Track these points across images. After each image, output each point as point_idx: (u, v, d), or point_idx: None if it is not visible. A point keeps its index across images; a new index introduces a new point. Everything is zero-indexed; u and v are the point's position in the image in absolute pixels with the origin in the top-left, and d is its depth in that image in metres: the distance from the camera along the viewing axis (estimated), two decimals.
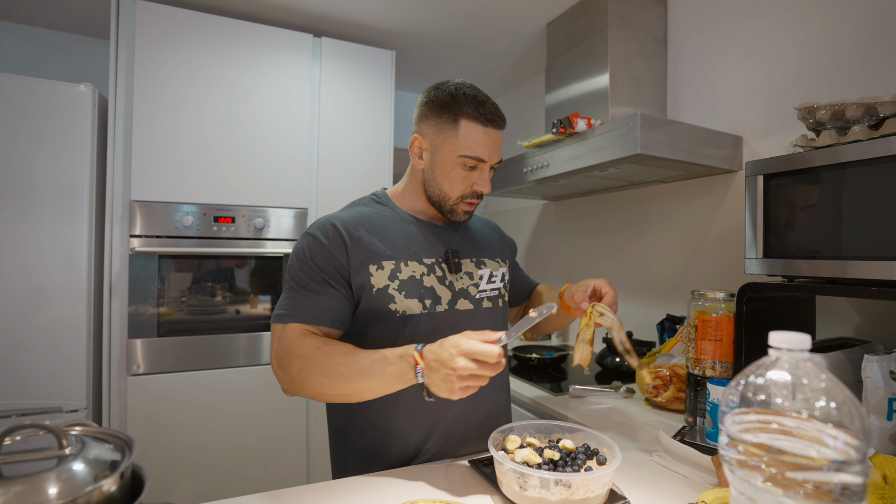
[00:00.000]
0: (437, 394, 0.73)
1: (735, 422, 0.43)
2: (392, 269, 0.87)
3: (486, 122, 0.86)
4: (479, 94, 0.87)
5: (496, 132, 0.88)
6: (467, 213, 0.93)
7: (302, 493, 0.76)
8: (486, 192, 0.91)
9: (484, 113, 0.85)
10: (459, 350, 0.70)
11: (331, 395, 0.80)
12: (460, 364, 0.69)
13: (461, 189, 0.89)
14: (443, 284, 0.91)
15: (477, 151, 0.86)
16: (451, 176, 0.88)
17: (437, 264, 0.91)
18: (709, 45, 1.53)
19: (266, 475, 1.76)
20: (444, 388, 0.71)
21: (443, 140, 0.87)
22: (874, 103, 0.85)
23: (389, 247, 0.88)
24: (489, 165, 0.89)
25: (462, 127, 0.85)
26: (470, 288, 0.94)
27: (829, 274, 0.89)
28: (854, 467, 0.38)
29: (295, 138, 1.86)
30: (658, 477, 0.84)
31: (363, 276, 0.85)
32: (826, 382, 0.40)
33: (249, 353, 1.78)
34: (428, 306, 0.88)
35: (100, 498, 0.42)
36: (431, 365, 0.73)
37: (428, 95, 0.89)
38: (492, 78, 2.51)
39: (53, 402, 1.54)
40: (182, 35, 1.69)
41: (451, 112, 0.85)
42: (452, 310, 0.90)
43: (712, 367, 1.05)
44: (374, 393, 0.77)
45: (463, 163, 0.87)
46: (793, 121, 1.27)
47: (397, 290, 0.86)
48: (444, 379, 0.71)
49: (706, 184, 1.54)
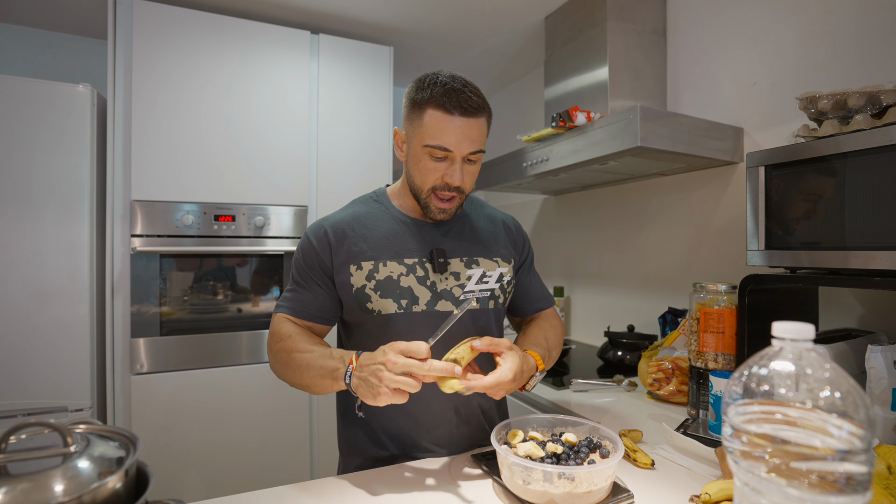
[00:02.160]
0: (363, 397, 0.72)
1: (739, 412, 0.43)
2: (370, 270, 0.88)
3: (452, 110, 0.81)
4: (454, 83, 0.82)
5: (466, 120, 0.82)
6: (442, 211, 0.89)
7: (282, 492, 0.76)
8: (457, 184, 0.85)
9: (450, 101, 0.81)
10: (390, 346, 0.72)
11: (291, 383, 0.86)
12: (391, 358, 0.70)
13: (432, 180, 0.86)
14: (423, 285, 0.89)
15: (440, 140, 0.82)
16: (420, 167, 0.86)
17: (420, 264, 0.90)
18: (708, 36, 1.52)
19: (270, 471, 1.77)
20: (370, 389, 0.70)
21: (413, 130, 0.86)
22: (877, 92, 0.85)
23: (371, 247, 0.90)
24: (459, 156, 0.84)
25: (426, 115, 0.82)
26: (454, 289, 0.91)
27: (832, 264, 0.88)
28: (859, 457, 0.37)
29: (294, 135, 1.85)
30: (661, 469, 0.84)
31: (344, 275, 0.89)
32: (830, 372, 0.40)
33: (252, 351, 1.79)
34: (404, 306, 0.88)
35: (105, 495, 0.43)
36: (362, 363, 0.73)
37: (408, 88, 0.88)
38: (491, 73, 2.50)
39: (58, 401, 1.54)
40: (179, 34, 1.69)
41: (418, 102, 0.84)
42: (431, 311, 0.89)
43: (714, 360, 1.04)
44: (318, 389, 0.81)
45: (429, 153, 0.84)
46: (794, 111, 1.27)
47: (373, 290, 0.88)
48: (371, 374, 0.71)
49: (707, 176, 1.54)
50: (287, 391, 1.80)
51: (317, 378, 0.79)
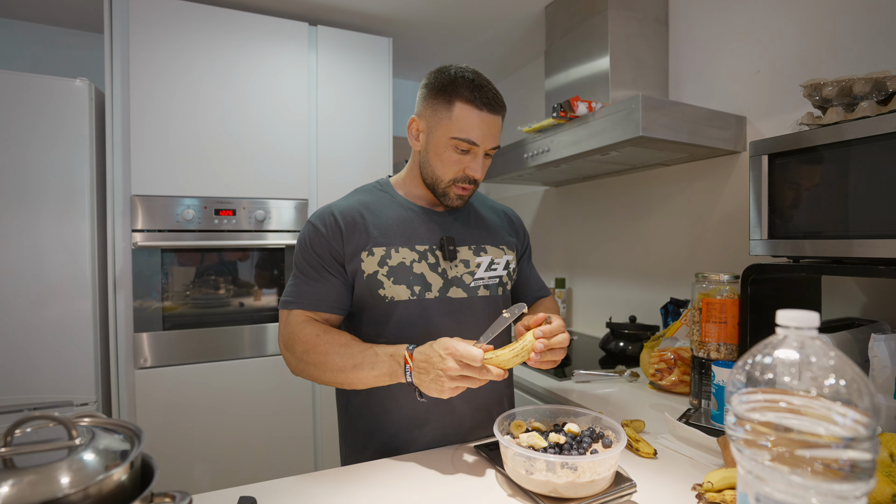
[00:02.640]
0: (428, 393, 0.75)
1: (742, 401, 0.43)
2: (382, 256, 0.88)
3: (482, 106, 0.84)
4: (479, 79, 0.86)
5: (492, 117, 0.86)
6: (460, 197, 0.92)
7: (304, 480, 0.77)
8: (479, 177, 0.90)
9: (479, 96, 0.84)
10: (448, 351, 0.73)
11: (327, 381, 0.85)
12: (450, 365, 0.72)
13: (453, 172, 0.88)
14: (434, 272, 0.91)
15: (469, 134, 0.85)
16: (443, 158, 0.88)
17: (431, 251, 0.92)
18: (711, 24, 1.51)
19: (274, 462, 1.78)
20: (435, 389, 0.74)
21: (437, 121, 0.87)
22: (883, 78, 0.84)
23: (382, 233, 0.90)
24: (483, 150, 0.87)
25: (456, 109, 0.84)
26: (465, 276, 0.93)
27: (835, 253, 0.88)
28: (863, 444, 0.37)
29: (293, 128, 1.84)
30: (664, 459, 0.84)
31: (356, 262, 0.88)
32: (835, 360, 0.40)
33: (254, 344, 1.79)
34: (417, 293, 0.89)
35: (111, 487, 0.43)
36: (421, 366, 0.75)
37: (428, 78, 0.89)
38: (491, 63, 2.48)
39: (63, 396, 1.55)
40: (176, 26, 1.67)
41: (446, 94, 0.85)
42: (444, 297, 0.91)
43: (717, 350, 1.04)
44: (365, 385, 0.82)
45: (455, 145, 0.86)
46: (798, 99, 1.26)
47: (386, 276, 0.88)
48: (433, 380, 0.73)
49: (709, 166, 1.53)
50: (290, 384, 1.81)
51: (368, 379, 0.80)
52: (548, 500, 0.68)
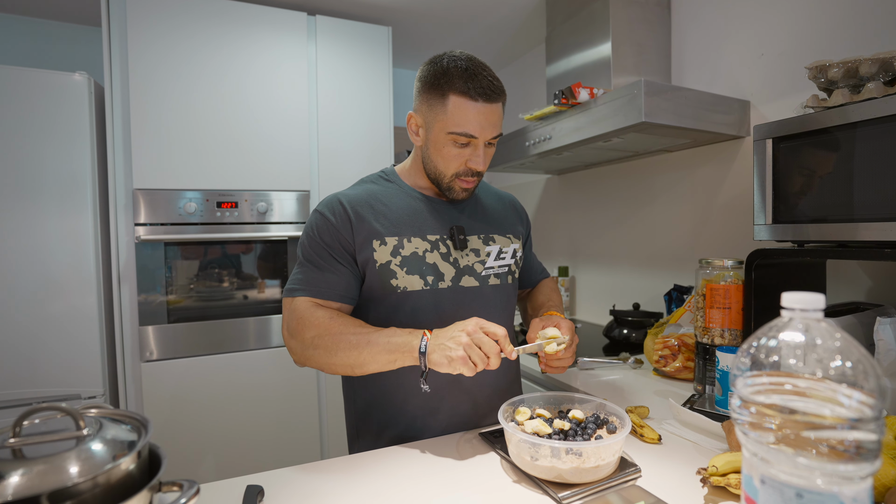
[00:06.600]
0: (436, 364, 0.74)
1: (747, 384, 0.43)
2: (395, 245, 0.87)
3: (477, 97, 0.81)
4: (473, 66, 0.82)
5: (489, 106, 0.82)
6: (465, 190, 0.90)
7: (316, 468, 0.78)
8: (481, 169, 0.87)
9: (474, 87, 0.80)
10: (473, 319, 0.76)
11: (338, 365, 0.81)
12: (471, 326, 0.74)
13: (455, 166, 0.87)
14: (446, 261, 0.90)
15: (466, 128, 0.82)
16: (443, 153, 0.86)
17: (442, 241, 0.91)
18: (713, 7, 1.48)
19: (280, 452, 1.80)
20: (445, 352, 0.73)
21: (433, 116, 0.84)
22: (890, 58, 0.82)
23: (394, 223, 0.89)
24: (483, 141, 0.85)
25: (450, 103, 0.82)
26: (476, 265, 0.93)
27: (840, 237, 0.87)
28: (869, 425, 0.37)
29: (293, 119, 1.83)
30: (668, 444, 0.85)
31: (367, 251, 0.87)
32: (840, 341, 0.40)
33: (259, 336, 1.80)
34: (430, 283, 0.88)
35: (119, 476, 0.43)
36: (438, 334, 0.76)
37: (421, 70, 0.86)
38: (491, 51, 2.45)
39: (71, 389, 1.57)
40: (174, 18, 1.66)
41: (440, 87, 0.82)
42: (456, 286, 0.91)
43: (721, 336, 1.04)
44: (378, 365, 0.79)
45: (453, 140, 0.84)
46: (803, 83, 1.24)
47: (399, 265, 0.87)
48: (451, 338, 0.74)
49: (713, 151, 1.51)
50: (295, 374, 1.82)
51: (380, 353, 0.78)
52: (553, 486, 0.68)
